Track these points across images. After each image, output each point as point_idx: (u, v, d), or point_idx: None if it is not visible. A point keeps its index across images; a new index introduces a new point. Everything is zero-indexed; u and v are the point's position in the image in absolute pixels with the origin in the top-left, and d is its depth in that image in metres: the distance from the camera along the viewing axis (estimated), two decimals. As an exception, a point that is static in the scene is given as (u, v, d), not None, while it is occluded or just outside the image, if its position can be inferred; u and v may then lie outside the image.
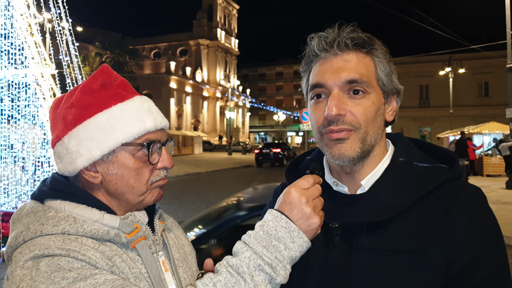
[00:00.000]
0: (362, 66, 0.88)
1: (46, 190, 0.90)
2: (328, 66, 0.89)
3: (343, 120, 0.86)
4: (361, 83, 0.86)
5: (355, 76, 0.86)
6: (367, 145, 0.89)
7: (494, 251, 0.80)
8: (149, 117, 0.92)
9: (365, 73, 0.87)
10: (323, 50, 0.89)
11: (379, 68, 0.89)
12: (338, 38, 0.88)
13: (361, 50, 0.89)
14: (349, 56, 0.88)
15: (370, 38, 0.90)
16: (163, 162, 0.94)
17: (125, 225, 0.87)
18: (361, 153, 0.88)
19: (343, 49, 0.88)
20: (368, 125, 0.87)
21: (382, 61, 0.90)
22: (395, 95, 0.95)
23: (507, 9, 13.27)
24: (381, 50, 0.90)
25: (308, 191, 0.84)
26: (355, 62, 0.87)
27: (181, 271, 0.98)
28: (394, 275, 0.80)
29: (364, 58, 0.89)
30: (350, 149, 0.87)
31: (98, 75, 0.92)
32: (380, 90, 0.90)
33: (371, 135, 0.89)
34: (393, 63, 0.93)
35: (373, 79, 0.89)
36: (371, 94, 0.88)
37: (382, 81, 0.90)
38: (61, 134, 0.89)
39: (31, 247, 0.78)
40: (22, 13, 7.03)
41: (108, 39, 40.32)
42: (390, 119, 0.94)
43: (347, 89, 0.87)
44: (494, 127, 19.95)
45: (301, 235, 0.81)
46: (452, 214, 0.81)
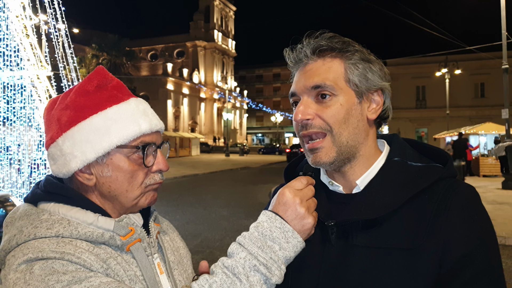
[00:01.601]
0: (327, 71, 0.91)
1: (40, 193, 0.89)
2: (299, 75, 0.94)
3: (311, 124, 0.90)
4: (325, 87, 0.90)
5: (318, 81, 0.90)
6: (344, 146, 0.90)
7: (486, 247, 0.81)
8: (144, 120, 0.91)
9: (329, 77, 0.90)
10: (295, 61, 0.95)
11: (350, 70, 0.91)
12: (304, 48, 0.93)
13: (327, 56, 0.92)
14: (316, 63, 0.92)
15: (343, 42, 0.92)
16: (158, 165, 0.93)
17: (120, 227, 0.87)
18: (337, 156, 0.90)
19: (310, 57, 0.92)
20: (339, 126, 0.90)
21: (355, 63, 0.91)
22: (378, 92, 0.95)
23: (503, 10, 13.35)
24: (354, 52, 0.92)
25: (301, 192, 0.86)
26: (320, 68, 0.91)
27: (177, 274, 0.97)
28: (388, 272, 0.81)
29: (331, 62, 0.91)
30: (326, 156, 0.90)
31: (93, 77, 0.92)
32: (351, 91, 0.91)
33: (346, 135, 0.90)
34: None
35: (340, 82, 0.91)
36: (339, 96, 0.90)
37: (354, 82, 0.91)
38: (55, 136, 0.89)
39: (25, 250, 0.77)
40: (18, 14, 7.00)
41: (105, 41, 40.28)
42: (373, 117, 0.94)
43: (315, 94, 0.91)
44: (490, 128, 20.06)
45: (295, 235, 0.82)
46: (445, 212, 0.83)
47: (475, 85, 37.13)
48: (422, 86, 38.34)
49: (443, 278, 0.79)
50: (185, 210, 10.04)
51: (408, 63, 36.40)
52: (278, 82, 72.99)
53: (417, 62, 36.20)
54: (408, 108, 37.75)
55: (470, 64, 34.35)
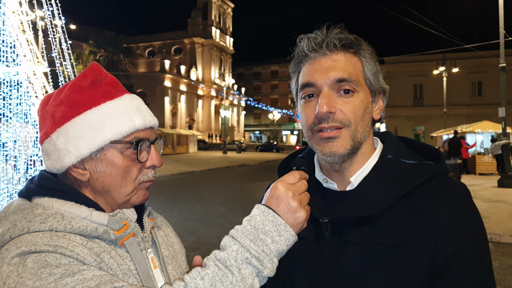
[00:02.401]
0: (350, 66, 0.90)
1: (34, 188, 0.90)
2: (317, 66, 0.91)
3: (333, 118, 0.89)
4: (350, 81, 0.89)
5: (344, 75, 0.89)
6: (357, 142, 0.92)
7: (476, 244, 0.83)
8: (138, 115, 0.92)
9: (353, 72, 0.90)
10: (313, 50, 0.91)
11: (367, 68, 0.92)
12: (327, 38, 0.91)
13: (349, 51, 0.92)
14: (337, 56, 0.91)
15: (357, 39, 0.93)
16: (152, 161, 0.94)
17: (113, 222, 0.87)
18: (351, 150, 0.91)
19: (332, 49, 0.91)
20: (357, 122, 0.90)
21: (369, 61, 0.93)
22: (381, 95, 0.98)
23: (500, 9, 13.38)
24: (367, 51, 0.93)
25: (294, 186, 0.86)
26: (343, 61, 0.90)
27: (170, 268, 0.98)
28: (381, 268, 0.83)
29: (352, 58, 0.92)
30: (341, 147, 0.89)
31: (88, 73, 0.92)
32: (368, 89, 0.93)
33: (361, 132, 0.92)
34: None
35: (361, 78, 0.92)
36: (360, 92, 0.91)
37: (370, 80, 0.93)
38: (49, 131, 0.89)
39: (18, 244, 0.77)
40: (14, 10, 6.96)
41: (102, 37, 40.08)
42: (377, 117, 0.97)
43: (337, 88, 0.90)
44: (487, 126, 20.13)
45: (287, 228, 0.82)
46: (437, 209, 0.84)
47: (473, 83, 37.23)
48: (419, 84, 38.41)
49: (434, 274, 0.81)
50: (182, 207, 10.04)
51: (405, 61, 36.44)
52: (276, 79, 72.94)
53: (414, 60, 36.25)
54: (405, 106, 37.83)
55: (468, 63, 34.43)
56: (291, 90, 1.01)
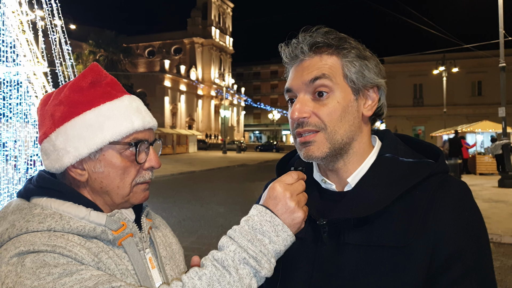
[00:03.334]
0: (324, 66, 0.90)
1: (32, 188, 0.90)
2: (295, 71, 0.93)
3: (307, 122, 0.90)
4: (323, 78, 0.89)
5: (316, 74, 0.89)
6: (338, 143, 0.90)
7: (476, 244, 0.81)
8: (137, 117, 0.92)
9: (327, 72, 0.90)
10: (290, 57, 0.94)
11: (347, 67, 0.91)
12: (300, 45, 0.92)
13: (324, 52, 0.91)
14: (312, 59, 0.91)
15: (339, 38, 0.92)
16: (150, 162, 0.94)
17: (111, 222, 0.87)
18: (330, 152, 0.90)
19: (307, 54, 0.91)
20: (334, 124, 0.89)
21: (351, 60, 0.91)
22: (374, 89, 0.95)
23: (500, 9, 13.38)
24: (351, 49, 0.91)
25: (292, 186, 0.86)
26: (317, 64, 0.91)
27: (168, 269, 0.98)
28: (380, 270, 0.82)
29: (329, 59, 0.91)
30: (318, 150, 0.90)
31: (88, 73, 0.92)
32: (348, 88, 0.91)
33: (341, 133, 0.90)
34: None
35: (338, 77, 0.90)
36: (336, 93, 0.90)
37: (351, 79, 0.91)
38: (48, 131, 0.89)
39: (16, 244, 0.77)
40: (14, 10, 6.96)
41: (102, 37, 40.07)
42: (368, 114, 0.94)
43: (312, 91, 0.90)
44: (487, 126, 20.13)
45: (285, 229, 0.82)
46: (436, 208, 0.82)
47: (472, 83, 37.23)
48: (419, 84, 38.40)
49: (434, 275, 0.79)
50: (182, 207, 10.04)
51: (405, 61, 36.43)
52: (276, 79, 72.95)
53: (414, 60, 36.25)
54: (405, 106, 37.83)
55: (468, 62, 34.43)
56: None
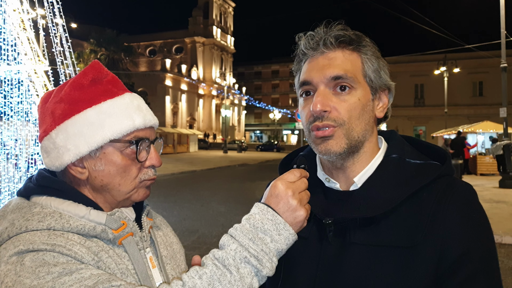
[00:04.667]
0: (347, 63, 0.89)
1: (32, 187, 0.89)
2: (314, 64, 0.91)
3: (327, 116, 0.88)
4: (345, 79, 0.88)
5: (339, 72, 0.88)
6: (354, 141, 0.90)
7: (484, 246, 0.81)
8: (138, 115, 0.91)
9: (350, 70, 0.89)
10: (310, 48, 0.92)
11: (366, 65, 0.91)
12: (324, 36, 0.90)
13: (347, 47, 0.91)
14: (334, 53, 0.90)
15: (358, 35, 0.91)
16: (151, 160, 0.93)
17: (112, 221, 0.87)
18: (347, 148, 0.89)
19: (329, 47, 0.90)
20: (352, 121, 0.89)
21: (370, 58, 0.91)
22: (386, 91, 0.95)
23: (502, 9, 13.36)
24: (369, 47, 0.92)
25: (294, 184, 0.85)
26: (340, 59, 0.89)
27: (169, 268, 0.98)
28: (386, 270, 0.81)
29: (351, 55, 0.90)
30: (336, 145, 0.89)
31: (89, 71, 0.92)
32: (367, 86, 0.91)
33: (357, 131, 0.90)
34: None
35: (359, 75, 0.90)
36: (357, 90, 0.89)
37: (370, 77, 0.91)
38: (49, 129, 0.89)
39: (16, 243, 0.77)
40: (15, 8, 6.96)
41: (103, 36, 40.06)
42: (380, 115, 0.95)
43: (333, 85, 0.89)
44: (488, 127, 20.10)
45: (287, 227, 0.81)
46: (444, 209, 0.82)
47: (474, 83, 37.22)
48: (420, 84, 38.40)
49: (441, 277, 0.79)
50: (183, 206, 10.04)
51: (406, 61, 36.42)
52: (277, 79, 72.89)
53: (415, 60, 36.24)
54: (406, 106, 37.82)
55: (469, 63, 34.41)
56: (295, 89, 1.00)
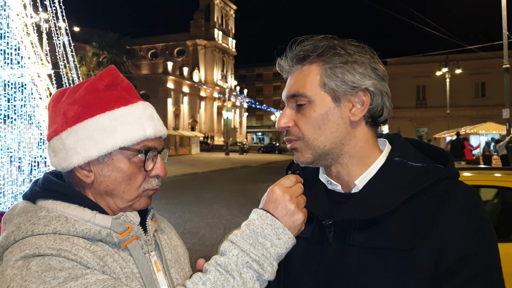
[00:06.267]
0: (302, 79, 0.93)
1: (38, 190, 0.90)
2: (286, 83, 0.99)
3: (290, 132, 0.95)
4: (299, 95, 0.93)
5: (292, 91, 0.94)
6: (320, 150, 0.92)
7: (483, 250, 0.80)
8: (150, 124, 0.92)
9: (303, 85, 0.92)
10: (282, 71, 1.00)
11: (326, 74, 0.90)
12: (287, 58, 0.97)
13: (305, 63, 0.94)
14: (294, 73, 0.96)
15: (317, 46, 0.91)
16: (157, 170, 0.94)
17: (117, 225, 0.87)
18: (314, 157, 0.93)
19: (292, 66, 0.96)
20: (312, 133, 0.92)
21: (333, 66, 0.90)
22: (363, 92, 0.91)
23: (504, 10, 13.33)
24: (333, 56, 0.90)
25: (291, 189, 0.87)
26: (296, 77, 0.95)
27: (174, 272, 0.98)
28: (384, 272, 0.82)
29: (309, 69, 0.93)
30: (302, 156, 0.94)
31: (105, 76, 0.92)
32: (327, 96, 0.91)
33: (322, 140, 0.91)
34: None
35: (315, 88, 0.91)
36: (314, 103, 0.91)
37: (330, 86, 0.90)
38: (59, 129, 0.89)
39: (22, 247, 0.77)
40: (19, 13, 7.00)
41: (105, 39, 40.24)
42: (355, 119, 0.91)
43: (294, 102, 0.95)
44: (491, 128, 20.05)
45: (286, 231, 0.83)
46: (443, 212, 0.82)
47: (476, 84, 37.11)
48: (422, 85, 38.32)
49: (439, 280, 0.79)
50: (185, 208, 10.05)
51: (408, 62, 36.36)
52: (278, 81, 72.93)
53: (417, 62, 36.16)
54: (408, 107, 37.73)
55: (471, 64, 34.31)
56: None
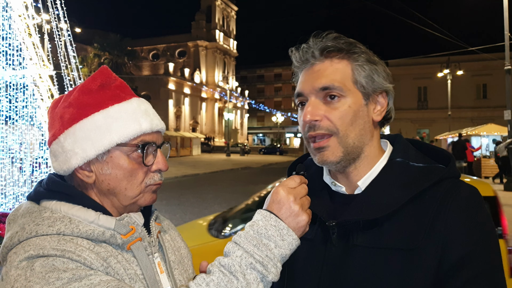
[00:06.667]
0: (335, 72, 0.91)
1: (42, 191, 0.90)
2: (306, 75, 0.94)
3: (319, 126, 0.90)
4: (333, 88, 0.90)
5: (326, 83, 0.90)
6: (350, 148, 0.91)
7: (486, 249, 0.81)
8: (145, 119, 0.92)
9: (338, 79, 0.90)
10: (301, 61, 0.94)
11: (357, 71, 0.91)
12: (312, 48, 0.92)
13: (335, 56, 0.92)
14: (323, 64, 0.92)
15: (348, 43, 0.92)
16: (158, 165, 0.94)
17: (120, 226, 0.87)
18: (344, 156, 0.91)
19: (318, 58, 0.92)
20: (346, 128, 0.90)
21: (361, 64, 0.91)
22: (383, 94, 0.95)
23: (505, 11, 13.33)
24: (360, 54, 0.92)
25: (295, 190, 0.87)
26: (328, 69, 0.91)
27: (177, 273, 0.98)
28: (388, 273, 0.82)
29: (339, 63, 0.91)
30: (332, 155, 0.90)
31: (97, 76, 0.93)
32: (359, 93, 0.92)
33: (353, 137, 0.91)
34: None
35: (349, 83, 0.91)
36: (347, 97, 0.90)
37: (361, 83, 0.91)
38: (57, 133, 0.90)
39: (26, 248, 0.78)
40: (20, 14, 7.02)
41: (107, 40, 40.31)
42: (378, 118, 0.95)
43: (323, 95, 0.91)
44: (492, 129, 20.01)
45: (290, 233, 0.82)
46: (446, 212, 0.83)
47: (477, 86, 37.04)
48: (423, 87, 38.27)
49: (442, 279, 0.79)
50: (186, 209, 10.04)
51: (409, 64, 36.34)
52: (280, 82, 72.97)
53: (418, 63, 36.14)
54: (409, 109, 37.68)
55: (472, 65, 34.27)
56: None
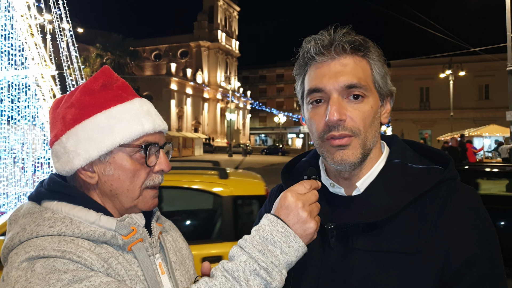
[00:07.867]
0: (359, 70, 0.87)
1: (44, 191, 0.90)
2: (325, 70, 0.88)
3: (343, 126, 0.86)
4: (359, 87, 0.87)
5: (353, 80, 0.86)
6: (367, 149, 0.90)
7: (488, 251, 0.80)
8: (147, 119, 0.92)
9: (362, 77, 0.87)
10: (320, 53, 0.88)
11: (375, 71, 0.90)
12: (335, 41, 0.87)
13: (357, 53, 0.89)
14: (346, 60, 0.87)
15: (365, 40, 0.90)
16: (160, 165, 0.93)
17: (121, 227, 0.87)
18: (361, 158, 0.89)
19: (340, 53, 0.87)
20: (367, 130, 0.88)
21: (377, 64, 0.90)
22: (389, 97, 0.95)
23: (507, 12, 13.29)
24: (375, 53, 0.91)
25: (304, 196, 0.84)
26: (352, 66, 0.87)
27: (178, 274, 0.97)
28: (389, 276, 0.81)
29: (361, 61, 0.89)
30: (352, 155, 0.87)
31: (99, 76, 0.92)
32: (377, 93, 0.91)
33: (370, 139, 0.89)
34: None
35: (370, 82, 0.89)
36: (369, 98, 0.89)
37: (379, 84, 0.90)
38: (59, 133, 0.90)
39: (27, 248, 0.77)
40: (23, 14, 7.04)
41: (109, 41, 40.38)
42: (385, 121, 0.95)
43: (346, 93, 0.87)
44: (495, 130, 19.96)
45: (297, 239, 0.81)
46: (447, 215, 0.82)
47: (480, 87, 36.92)
48: (426, 87, 38.17)
49: (446, 283, 0.78)
50: (188, 210, 10.04)
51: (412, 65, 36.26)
52: (282, 82, 72.95)
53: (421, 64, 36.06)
54: (411, 109, 37.59)
55: (475, 66, 34.17)
56: (296, 92, 0.98)
